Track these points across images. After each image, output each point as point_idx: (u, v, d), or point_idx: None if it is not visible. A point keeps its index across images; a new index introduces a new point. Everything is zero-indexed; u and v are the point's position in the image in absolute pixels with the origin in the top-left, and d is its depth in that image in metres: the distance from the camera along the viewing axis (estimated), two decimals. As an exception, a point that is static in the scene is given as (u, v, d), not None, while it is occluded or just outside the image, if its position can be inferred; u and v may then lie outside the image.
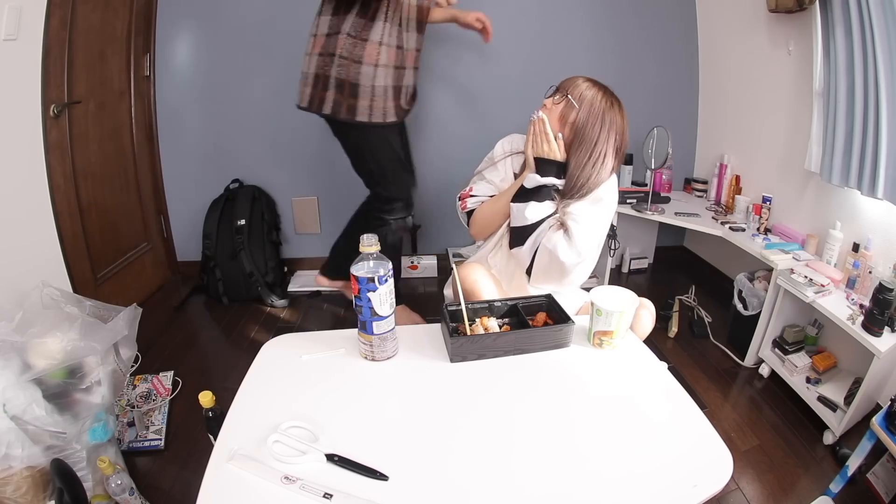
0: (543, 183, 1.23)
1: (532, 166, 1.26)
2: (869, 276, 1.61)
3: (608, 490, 0.70)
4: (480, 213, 1.34)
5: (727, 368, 1.97)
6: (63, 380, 1.24)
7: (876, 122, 1.51)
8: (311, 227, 2.73)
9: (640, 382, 0.94)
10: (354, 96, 1.69)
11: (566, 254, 1.19)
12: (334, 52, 1.66)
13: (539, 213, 1.23)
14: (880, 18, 1.45)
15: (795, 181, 2.03)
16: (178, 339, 2.15)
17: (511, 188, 1.30)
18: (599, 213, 1.25)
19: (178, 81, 2.43)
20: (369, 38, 1.63)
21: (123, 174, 2.31)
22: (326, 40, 1.68)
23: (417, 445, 0.78)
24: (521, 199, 1.24)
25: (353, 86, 1.68)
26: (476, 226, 1.36)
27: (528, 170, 1.27)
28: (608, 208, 1.27)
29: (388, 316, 0.93)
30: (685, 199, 2.55)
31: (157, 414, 1.63)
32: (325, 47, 1.68)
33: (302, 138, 2.55)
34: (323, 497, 0.67)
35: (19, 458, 1.11)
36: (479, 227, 1.36)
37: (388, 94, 1.73)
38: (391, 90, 1.73)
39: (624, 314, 0.98)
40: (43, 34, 1.71)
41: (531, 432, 0.80)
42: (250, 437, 0.77)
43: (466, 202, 1.36)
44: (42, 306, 1.40)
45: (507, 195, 1.29)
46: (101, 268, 2.12)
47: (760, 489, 1.41)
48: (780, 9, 1.83)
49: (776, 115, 2.14)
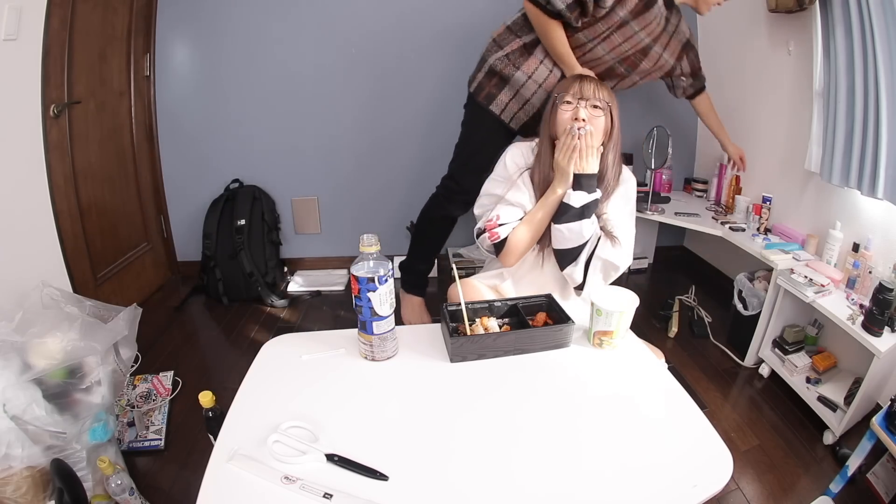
0: (593, 199, 1.17)
1: (567, 180, 1.17)
2: (869, 276, 1.61)
3: (608, 490, 0.70)
4: (518, 240, 1.21)
5: (727, 368, 1.97)
6: (63, 380, 1.24)
7: (876, 122, 1.51)
8: (311, 227, 2.74)
9: (640, 382, 0.94)
10: (497, 86, 1.75)
11: (620, 258, 1.19)
12: (502, 44, 1.73)
13: (591, 229, 1.17)
14: (880, 18, 1.45)
15: (795, 181, 2.03)
16: (178, 339, 2.15)
17: (543, 207, 1.20)
18: (628, 203, 1.25)
19: (177, 81, 2.44)
20: (534, 53, 1.69)
21: (123, 174, 2.31)
22: (505, 32, 1.75)
23: (417, 445, 0.78)
24: (568, 218, 1.16)
25: (501, 79, 1.74)
26: (513, 254, 1.23)
27: (562, 185, 1.18)
28: (631, 189, 1.26)
29: (388, 316, 0.93)
30: (685, 199, 2.55)
31: (157, 414, 1.63)
32: (501, 38, 1.75)
33: (302, 138, 2.56)
34: (323, 497, 0.67)
35: (19, 458, 1.10)
36: (517, 254, 1.23)
37: (519, 102, 1.75)
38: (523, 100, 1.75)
39: (624, 314, 0.98)
40: (43, 34, 1.71)
41: (531, 432, 0.80)
42: (250, 437, 0.77)
43: (498, 232, 1.22)
44: (42, 306, 1.40)
45: (543, 215, 1.20)
46: (101, 268, 2.12)
47: (760, 489, 1.41)
48: (780, 9, 1.83)
49: (776, 115, 2.14)
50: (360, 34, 2.43)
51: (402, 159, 2.64)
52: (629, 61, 1.72)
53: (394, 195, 2.69)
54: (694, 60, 1.93)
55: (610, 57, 1.69)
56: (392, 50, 2.46)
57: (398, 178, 2.67)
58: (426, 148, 2.60)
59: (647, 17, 1.60)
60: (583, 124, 1.16)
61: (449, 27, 2.43)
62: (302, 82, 2.46)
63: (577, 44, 1.65)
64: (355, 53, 2.44)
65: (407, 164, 2.64)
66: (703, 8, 1.70)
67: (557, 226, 1.17)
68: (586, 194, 1.16)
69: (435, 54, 2.47)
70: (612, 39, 1.64)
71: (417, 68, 2.49)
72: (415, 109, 2.56)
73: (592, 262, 1.19)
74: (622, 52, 1.68)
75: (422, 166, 2.61)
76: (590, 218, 1.17)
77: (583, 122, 1.16)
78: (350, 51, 2.44)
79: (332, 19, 2.38)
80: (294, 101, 2.50)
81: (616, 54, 1.69)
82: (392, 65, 2.48)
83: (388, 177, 2.67)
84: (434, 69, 2.49)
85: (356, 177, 2.66)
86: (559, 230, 1.18)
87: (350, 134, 2.58)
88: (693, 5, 1.71)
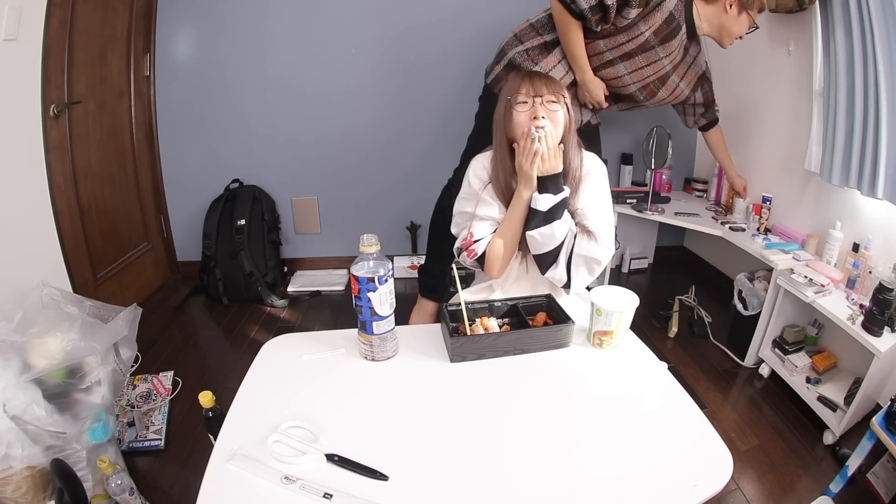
0: (560, 199, 1.13)
1: (532, 185, 1.13)
2: (869, 276, 1.61)
3: (608, 490, 0.70)
4: (496, 252, 1.18)
5: (727, 368, 1.97)
6: (63, 380, 1.24)
7: (876, 122, 1.51)
8: (311, 227, 2.74)
9: (640, 382, 0.94)
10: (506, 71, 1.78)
11: (599, 253, 1.15)
12: (523, 39, 1.76)
13: (565, 228, 1.15)
14: (880, 18, 1.45)
15: (795, 181, 2.03)
16: (178, 339, 2.15)
17: (512, 216, 1.17)
18: (601, 191, 1.21)
19: (177, 81, 2.44)
20: (553, 52, 1.73)
21: (123, 174, 2.31)
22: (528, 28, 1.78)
23: (417, 445, 0.78)
24: (539, 223, 1.13)
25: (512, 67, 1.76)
26: (495, 266, 1.20)
27: (527, 188, 1.14)
28: (601, 177, 1.22)
29: (388, 316, 0.93)
30: (685, 199, 2.55)
31: (157, 414, 1.63)
32: (522, 33, 1.77)
33: (302, 138, 2.56)
34: (323, 497, 0.67)
35: (19, 458, 1.11)
36: (499, 265, 1.20)
37: None
38: None
39: (624, 314, 0.98)
40: (43, 34, 1.71)
41: (531, 432, 0.80)
42: (250, 437, 0.77)
43: (475, 249, 1.19)
44: (42, 306, 1.40)
45: (514, 223, 1.17)
46: (101, 268, 2.12)
47: (760, 489, 1.41)
48: (780, 9, 1.83)
49: (776, 115, 2.14)
50: (361, 34, 2.43)
51: (403, 159, 2.64)
52: (649, 89, 1.77)
53: (394, 195, 2.69)
54: (708, 93, 1.97)
55: (631, 80, 1.73)
56: (393, 50, 2.46)
57: (398, 178, 2.67)
58: (427, 148, 2.60)
59: (672, 43, 1.64)
60: (542, 125, 1.12)
61: (451, 28, 2.43)
62: (302, 82, 2.47)
63: (597, 51, 1.68)
64: (355, 53, 2.45)
65: (407, 165, 2.64)
66: (725, 41, 1.73)
67: (530, 232, 1.15)
68: (553, 196, 1.13)
69: (438, 55, 2.47)
70: (635, 60, 1.67)
71: (418, 68, 2.49)
72: (415, 109, 2.56)
73: (574, 261, 1.16)
74: (644, 77, 1.72)
75: (422, 166, 2.61)
76: (561, 218, 1.14)
77: (542, 121, 1.12)
78: (350, 51, 2.44)
79: (332, 19, 2.38)
80: (294, 101, 2.50)
81: (638, 78, 1.72)
82: (393, 65, 2.49)
83: (388, 177, 2.67)
84: (436, 70, 2.49)
85: (356, 177, 2.66)
86: (532, 236, 1.15)
87: (350, 134, 2.58)
88: (717, 38, 1.74)
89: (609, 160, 2.68)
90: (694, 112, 2.04)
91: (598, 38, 1.65)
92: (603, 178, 1.24)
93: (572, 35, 1.63)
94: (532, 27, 1.76)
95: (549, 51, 1.73)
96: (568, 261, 1.16)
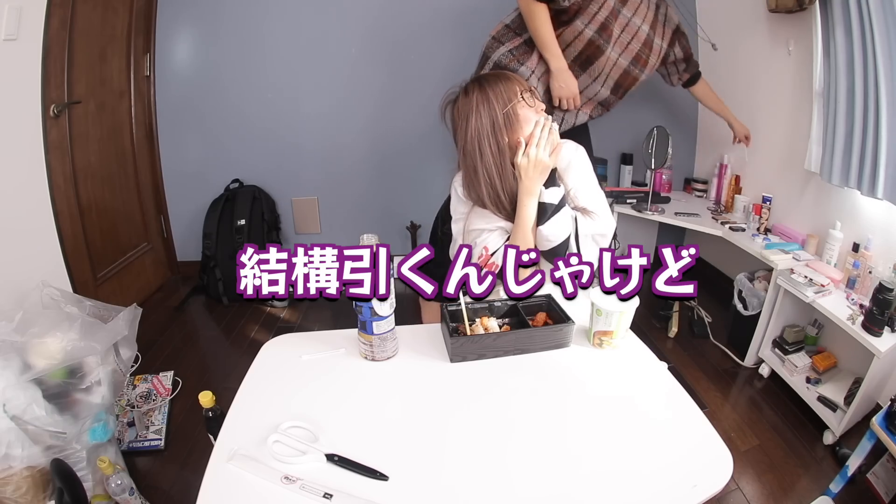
0: (563, 190, 1.17)
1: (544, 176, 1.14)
2: (869, 276, 1.60)
3: (608, 490, 0.70)
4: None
5: (727, 368, 1.97)
6: (63, 380, 1.24)
7: (876, 122, 1.51)
8: (311, 227, 2.74)
9: (640, 382, 0.94)
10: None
11: (604, 226, 1.18)
12: (503, 40, 1.78)
13: (570, 213, 1.17)
14: (880, 18, 1.45)
15: (795, 181, 2.02)
16: (178, 339, 2.15)
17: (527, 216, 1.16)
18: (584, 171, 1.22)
19: (178, 81, 2.43)
20: (535, 49, 1.73)
21: (123, 174, 2.31)
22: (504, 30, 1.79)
23: (417, 445, 0.78)
24: (550, 216, 1.15)
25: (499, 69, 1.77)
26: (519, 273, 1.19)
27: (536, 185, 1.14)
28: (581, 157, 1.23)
29: (388, 316, 0.93)
30: (685, 199, 2.54)
31: (157, 414, 1.63)
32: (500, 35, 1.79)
33: (302, 138, 2.56)
34: (323, 497, 0.67)
35: (19, 458, 1.11)
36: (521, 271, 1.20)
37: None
38: None
39: (624, 314, 0.98)
40: (43, 34, 1.71)
41: (531, 432, 0.80)
42: (250, 437, 0.77)
43: (495, 262, 1.14)
44: (42, 306, 1.40)
45: (528, 225, 1.16)
46: (101, 268, 2.12)
47: (760, 489, 1.41)
48: (780, 9, 1.83)
49: (776, 115, 2.13)
50: (361, 34, 2.43)
51: (403, 159, 2.64)
52: (641, 61, 1.78)
53: (394, 195, 2.69)
54: (686, 46, 1.96)
55: (624, 60, 1.74)
56: (393, 50, 2.46)
57: (398, 178, 2.66)
58: (427, 147, 2.60)
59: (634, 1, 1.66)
60: (549, 116, 1.16)
61: (452, 28, 2.43)
62: (302, 82, 2.46)
63: (577, 32, 1.68)
64: (355, 53, 2.44)
65: (407, 164, 2.64)
66: None
67: (545, 226, 1.15)
68: (558, 188, 1.16)
69: (438, 55, 2.46)
70: (612, 32, 1.67)
71: (418, 68, 2.49)
72: (415, 109, 2.56)
73: (582, 241, 1.19)
74: (628, 48, 1.73)
75: (422, 166, 2.61)
76: (566, 206, 1.18)
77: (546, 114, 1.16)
78: (350, 50, 2.44)
79: (332, 19, 2.38)
80: (294, 101, 2.50)
81: (621, 49, 1.73)
82: (393, 65, 2.48)
83: (388, 177, 2.67)
84: (435, 69, 2.48)
85: (356, 176, 2.66)
86: (547, 229, 1.15)
87: (350, 134, 2.57)
88: None
89: (609, 160, 2.68)
90: (677, 70, 2.01)
91: (574, 20, 1.66)
92: (583, 158, 1.24)
93: (539, 21, 1.63)
94: (508, 28, 1.77)
95: (531, 49, 1.74)
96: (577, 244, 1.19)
